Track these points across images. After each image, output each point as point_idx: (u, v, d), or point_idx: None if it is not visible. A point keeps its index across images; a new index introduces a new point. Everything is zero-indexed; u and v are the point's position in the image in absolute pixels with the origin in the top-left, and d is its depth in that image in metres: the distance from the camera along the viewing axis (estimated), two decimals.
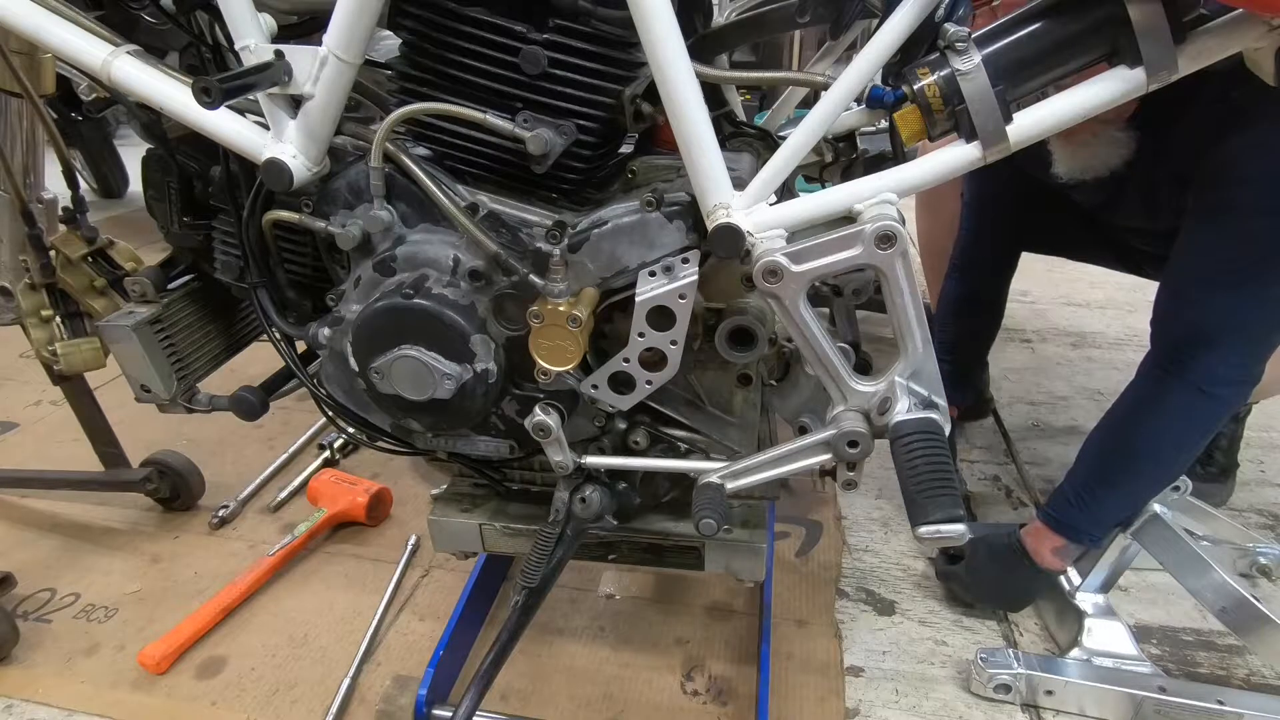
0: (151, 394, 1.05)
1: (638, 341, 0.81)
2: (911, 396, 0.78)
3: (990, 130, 0.71)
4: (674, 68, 0.71)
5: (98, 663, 1.23)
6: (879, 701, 1.16)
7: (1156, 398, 1.13)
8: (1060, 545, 1.22)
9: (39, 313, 1.23)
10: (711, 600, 1.34)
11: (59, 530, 1.52)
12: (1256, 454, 1.72)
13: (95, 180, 3.58)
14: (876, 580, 1.39)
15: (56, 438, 1.81)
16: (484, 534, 1.05)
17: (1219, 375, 1.08)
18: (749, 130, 0.99)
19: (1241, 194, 1.02)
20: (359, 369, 0.88)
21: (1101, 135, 1.13)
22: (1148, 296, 1.19)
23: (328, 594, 1.36)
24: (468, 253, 0.85)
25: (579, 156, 0.83)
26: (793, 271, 0.74)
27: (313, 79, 0.78)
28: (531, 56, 0.77)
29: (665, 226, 0.80)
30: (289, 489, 1.61)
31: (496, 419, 0.94)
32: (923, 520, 0.74)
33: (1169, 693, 1.10)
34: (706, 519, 0.83)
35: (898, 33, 0.70)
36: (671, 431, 0.94)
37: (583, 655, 1.24)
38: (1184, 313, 1.11)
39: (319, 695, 1.17)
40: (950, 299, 1.64)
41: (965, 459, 1.73)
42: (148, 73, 0.83)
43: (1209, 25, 0.68)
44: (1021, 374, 2.11)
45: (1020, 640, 1.28)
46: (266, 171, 0.81)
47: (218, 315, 1.13)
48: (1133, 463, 1.16)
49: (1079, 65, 0.72)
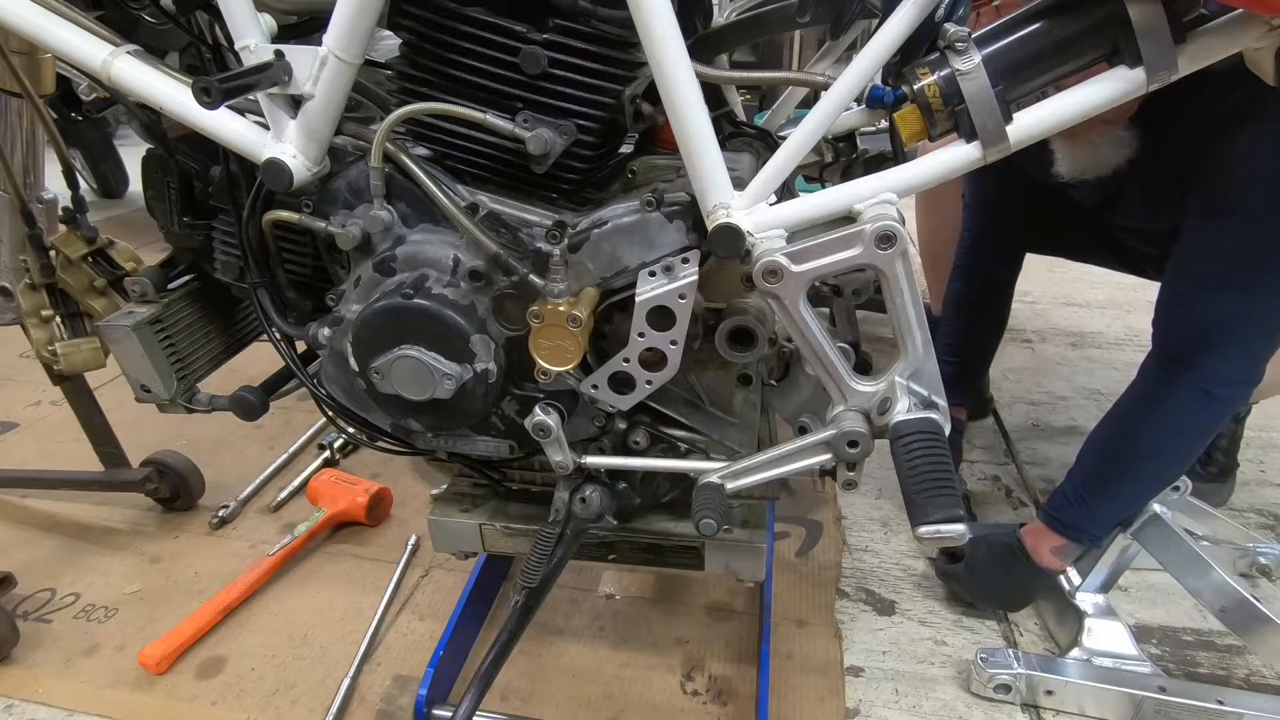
0: (151, 394, 1.05)
1: (638, 341, 0.81)
2: (911, 396, 0.78)
3: (990, 130, 0.71)
4: (674, 68, 0.71)
5: (98, 663, 1.23)
6: (879, 701, 1.16)
7: (1158, 398, 1.13)
8: (1060, 545, 1.22)
9: (39, 313, 1.23)
10: (711, 600, 1.34)
11: (59, 530, 1.52)
12: (1256, 454, 1.72)
13: (95, 180, 3.58)
14: (876, 580, 1.39)
15: (56, 438, 1.81)
16: (484, 534, 1.05)
17: (1221, 376, 1.08)
18: (749, 130, 0.99)
19: (1243, 195, 1.02)
20: (359, 369, 0.88)
21: (1105, 134, 1.13)
22: (1148, 296, 1.19)
23: (328, 594, 1.36)
24: (468, 253, 0.85)
25: (579, 156, 0.83)
26: (793, 271, 0.74)
27: (313, 79, 0.78)
28: (531, 56, 0.77)
29: (665, 226, 0.80)
30: (289, 489, 1.61)
31: (496, 419, 0.94)
32: (923, 520, 0.74)
33: (1169, 693, 1.09)
34: (706, 519, 0.83)
35: (898, 33, 0.70)
36: (671, 431, 0.94)
37: (583, 655, 1.24)
38: (1186, 313, 1.11)
39: (319, 695, 1.17)
40: (954, 300, 1.64)
41: (965, 459, 1.73)
42: (148, 73, 0.83)
43: (1209, 25, 0.68)
44: (1021, 374, 2.11)
45: (1020, 640, 1.28)
46: (266, 171, 0.81)
47: (218, 315, 1.13)
48: (1133, 463, 1.16)
49: (1079, 65, 0.72)
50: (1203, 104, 1.03)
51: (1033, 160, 1.10)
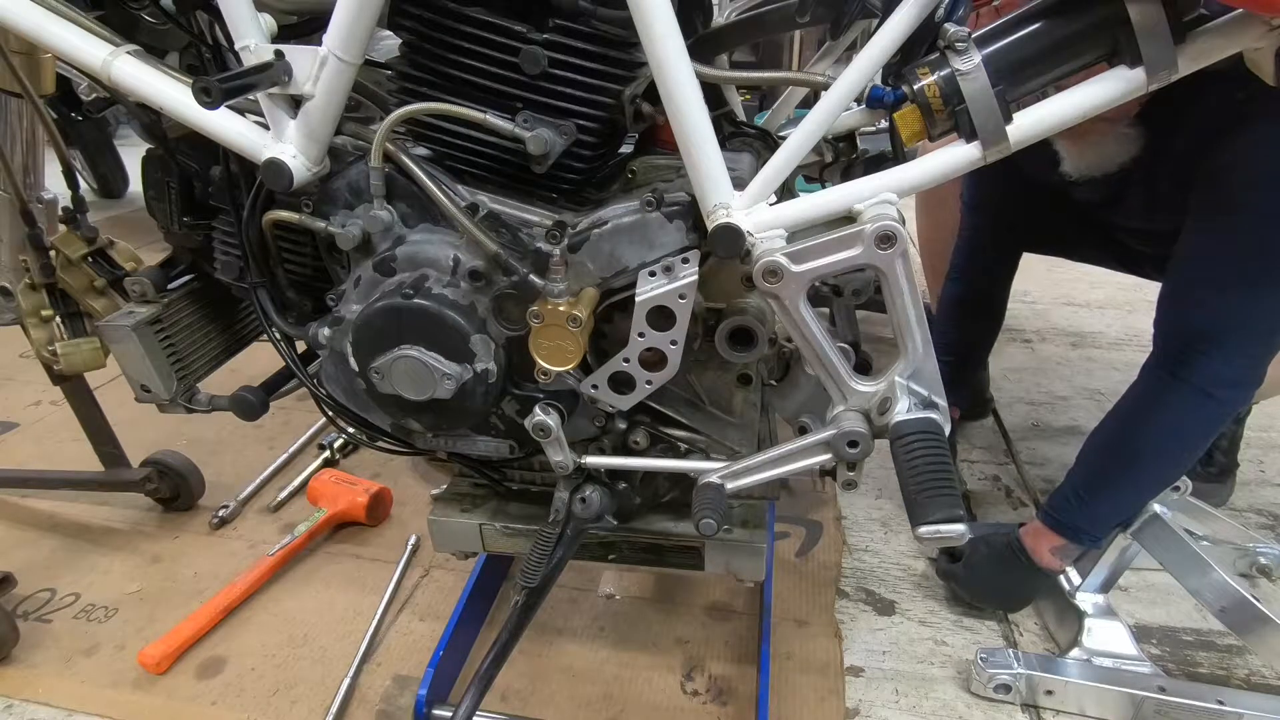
0: (151, 394, 1.05)
1: (638, 341, 0.81)
2: (911, 396, 0.78)
3: (990, 130, 0.71)
4: (674, 68, 0.71)
5: (98, 663, 1.23)
6: (879, 701, 1.16)
7: (1159, 399, 1.13)
8: (1059, 545, 1.22)
9: (39, 313, 1.23)
10: (711, 600, 1.34)
11: (59, 530, 1.52)
12: (1256, 454, 1.72)
13: (95, 180, 3.58)
14: (876, 580, 1.39)
15: (56, 438, 1.81)
16: (484, 534, 1.05)
17: (1222, 377, 1.08)
18: (749, 130, 0.99)
19: (1244, 195, 1.02)
20: (359, 369, 0.88)
21: (1111, 133, 1.13)
22: (1148, 296, 1.19)
23: (328, 594, 1.36)
24: (468, 253, 0.85)
25: (579, 156, 0.83)
26: (793, 271, 0.74)
27: (313, 79, 0.78)
28: (531, 56, 0.77)
29: (665, 226, 0.80)
30: (289, 489, 1.61)
31: (496, 419, 0.94)
32: (923, 520, 0.74)
33: (1169, 693, 1.09)
34: (706, 519, 0.83)
35: (898, 33, 0.70)
36: (671, 431, 0.94)
37: (583, 655, 1.24)
38: (1188, 314, 1.11)
39: (319, 695, 1.17)
40: (950, 300, 1.64)
41: (965, 459, 1.73)
42: (148, 73, 0.83)
43: (1209, 25, 0.68)
44: (1021, 374, 2.11)
45: (1020, 640, 1.28)
46: (266, 171, 0.81)
47: (218, 315, 1.13)
48: (1134, 464, 1.16)
49: (1079, 65, 0.72)
50: (1206, 103, 1.03)
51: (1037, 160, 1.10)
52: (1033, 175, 1.31)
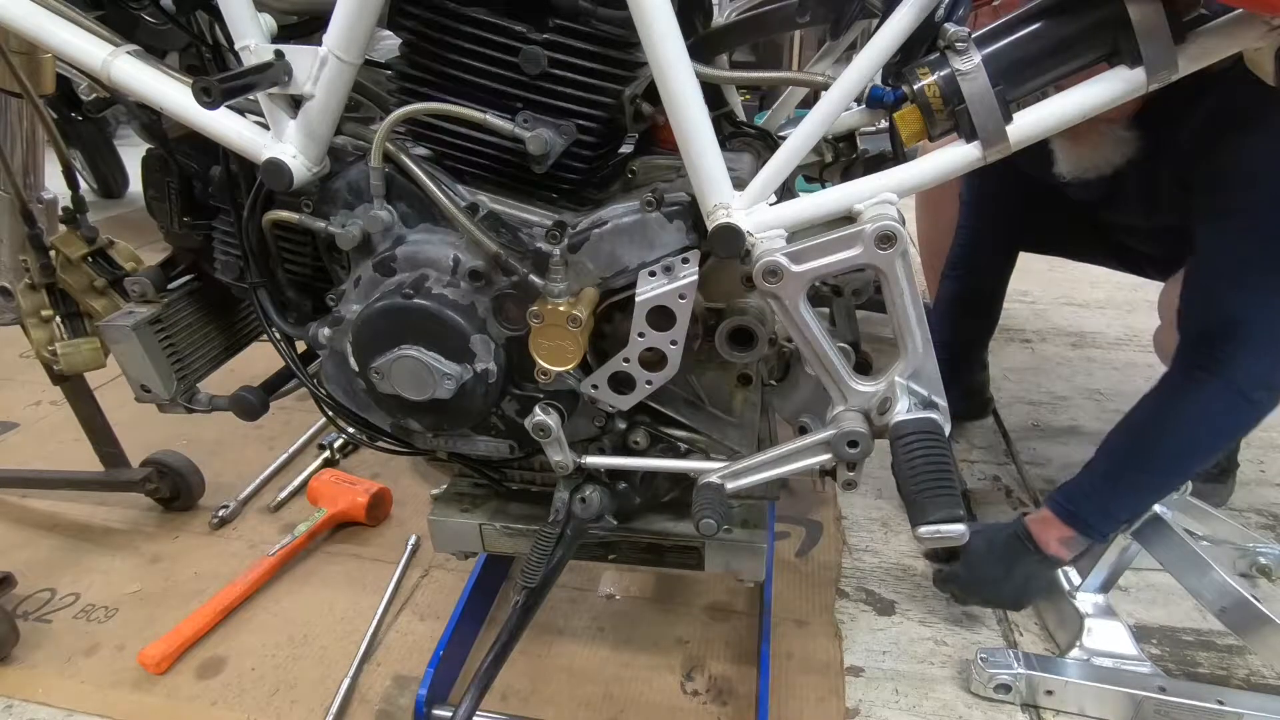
0: (151, 394, 1.05)
1: (638, 341, 0.81)
2: (911, 396, 0.78)
3: (990, 130, 0.71)
4: (674, 68, 0.71)
5: (98, 663, 1.23)
6: (879, 701, 1.16)
7: (1192, 397, 1.11)
8: (1068, 536, 1.19)
9: (39, 313, 1.23)
10: (711, 600, 1.34)
11: (59, 530, 1.52)
12: (1256, 454, 1.72)
13: (95, 180, 3.58)
14: (876, 580, 1.39)
15: (56, 438, 1.81)
16: (484, 534, 1.05)
17: (1254, 375, 1.06)
18: (749, 130, 0.99)
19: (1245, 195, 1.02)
20: (359, 369, 0.88)
21: (1106, 134, 1.13)
22: (1148, 296, 1.19)
23: (328, 594, 1.36)
24: (468, 253, 0.85)
25: (579, 156, 0.83)
26: (793, 271, 0.74)
27: (313, 79, 0.78)
28: (531, 56, 0.77)
29: (665, 226, 0.80)
30: (289, 489, 1.61)
31: (496, 419, 0.94)
32: (923, 520, 0.74)
33: (1169, 693, 1.09)
34: (706, 519, 0.83)
35: (898, 33, 0.71)
36: (671, 431, 0.94)
37: (583, 655, 1.24)
38: (1206, 308, 1.10)
39: (319, 695, 1.17)
40: (947, 298, 1.64)
41: (965, 459, 1.73)
42: (148, 73, 0.83)
43: (1209, 25, 0.68)
44: (1021, 374, 2.11)
45: (1020, 640, 1.28)
46: (266, 171, 0.81)
47: (218, 315, 1.13)
48: (1157, 461, 1.14)
49: (1079, 65, 0.72)
50: (1208, 103, 1.03)
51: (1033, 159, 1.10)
52: (1029, 174, 1.31)
